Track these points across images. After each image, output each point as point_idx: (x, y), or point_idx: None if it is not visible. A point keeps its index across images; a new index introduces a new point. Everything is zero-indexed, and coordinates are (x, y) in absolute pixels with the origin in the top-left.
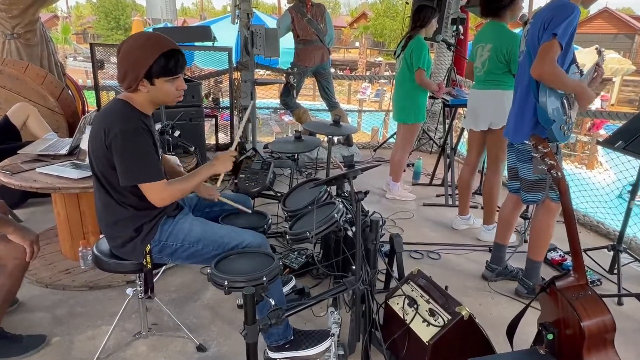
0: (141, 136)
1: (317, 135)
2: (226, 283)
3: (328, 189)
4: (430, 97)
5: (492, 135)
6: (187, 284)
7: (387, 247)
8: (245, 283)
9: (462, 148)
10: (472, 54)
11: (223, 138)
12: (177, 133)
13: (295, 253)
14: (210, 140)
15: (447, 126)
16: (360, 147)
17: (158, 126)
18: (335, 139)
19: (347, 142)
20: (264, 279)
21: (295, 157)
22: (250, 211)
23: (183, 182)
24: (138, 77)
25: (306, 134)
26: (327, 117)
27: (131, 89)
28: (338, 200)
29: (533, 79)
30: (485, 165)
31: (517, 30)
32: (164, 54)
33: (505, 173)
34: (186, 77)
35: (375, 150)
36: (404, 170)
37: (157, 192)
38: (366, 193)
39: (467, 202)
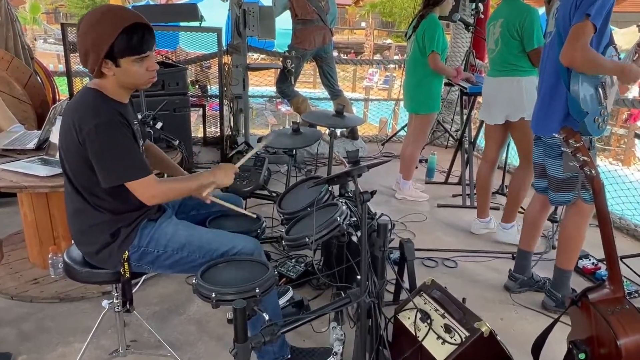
0: (118, 130)
1: (318, 128)
2: (214, 295)
3: (330, 189)
4: (446, 84)
5: (517, 128)
6: (170, 295)
7: (396, 254)
8: (235, 295)
9: (483, 142)
10: (487, 36)
11: (211, 131)
12: (159, 125)
13: (293, 261)
14: (197, 133)
15: (464, 117)
16: (367, 140)
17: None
18: (339, 131)
19: (352, 135)
20: (257, 290)
21: (293, 152)
22: (254, 215)
23: (180, 183)
24: (99, 58)
25: (305, 126)
26: (329, 107)
27: (95, 73)
28: (341, 202)
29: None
30: (504, 161)
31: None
32: (126, 29)
33: None
34: (170, 61)
35: (383, 145)
36: (416, 167)
37: (147, 189)
38: (373, 193)
39: (486, 202)
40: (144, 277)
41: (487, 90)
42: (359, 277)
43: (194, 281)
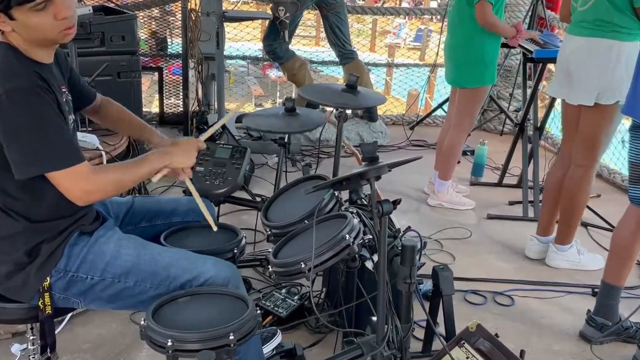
0: (39, 98)
1: (322, 107)
2: (170, 343)
3: (336, 194)
4: (504, 46)
5: (595, 111)
6: (109, 339)
7: (428, 286)
8: (200, 343)
9: (555, 128)
10: None
11: (171, 104)
12: None
13: (283, 292)
14: (152, 107)
15: (529, 92)
16: (389, 122)
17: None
18: (350, 112)
19: (369, 115)
20: (231, 337)
21: (286, 139)
22: (215, 228)
23: (123, 171)
24: None
25: (303, 104)
26: (338, 74)
27: None
28: (351, 212)
29: None
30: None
31: None
32: None
33: (625, 172)
34: (113, 5)
35: (412, 129)
36: (459, 162)
37: (78, 183)
38: (397, 202)
39: (554, 218)
40: (69, 315)
41: (569, 53)
42: (374, 318)
43: (142, 322)
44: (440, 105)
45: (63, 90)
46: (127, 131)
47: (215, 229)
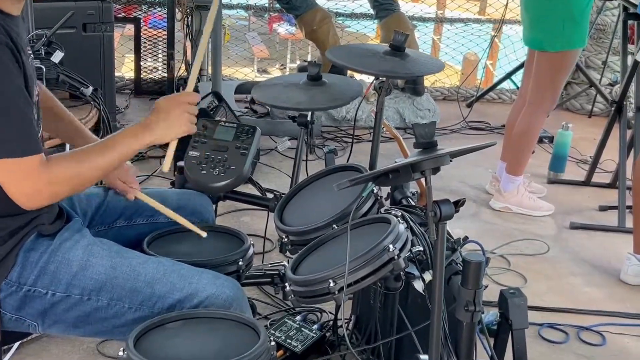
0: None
1: (353, 74)
2: None
3: (376, 190)
4: None
5: None
6: None
7: (491, 316)
8: None
9: None
10: None
11: (149, 67)
12: (58, 56)
13: (298, 319)
14: (125, 69)
15: (630, 60)
16: (439, 97)
17: None
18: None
19: (413, 87)
20: None
21: (309, 116)
22: (204, 234)
23: (82, 162)
24: None
25: (327, 70)
26: (372, 31)
27: None
28: (395, 215)
29: None
30: None
31: None
32: None
33: None
34: None
35: (470, 106)
36: (533, 152)
37: (27, 181)
38: (460, 203)
39: None
40: (18, 343)
41: None
42: (424, 357)
43: (121, 352)
44: (509, 75)
45: (29, 51)
46: (60, 134)
47: (204, 235)
